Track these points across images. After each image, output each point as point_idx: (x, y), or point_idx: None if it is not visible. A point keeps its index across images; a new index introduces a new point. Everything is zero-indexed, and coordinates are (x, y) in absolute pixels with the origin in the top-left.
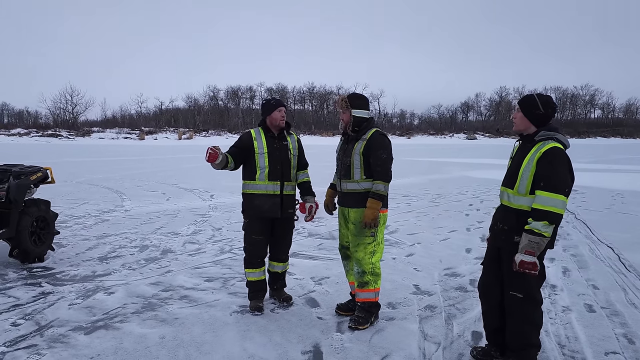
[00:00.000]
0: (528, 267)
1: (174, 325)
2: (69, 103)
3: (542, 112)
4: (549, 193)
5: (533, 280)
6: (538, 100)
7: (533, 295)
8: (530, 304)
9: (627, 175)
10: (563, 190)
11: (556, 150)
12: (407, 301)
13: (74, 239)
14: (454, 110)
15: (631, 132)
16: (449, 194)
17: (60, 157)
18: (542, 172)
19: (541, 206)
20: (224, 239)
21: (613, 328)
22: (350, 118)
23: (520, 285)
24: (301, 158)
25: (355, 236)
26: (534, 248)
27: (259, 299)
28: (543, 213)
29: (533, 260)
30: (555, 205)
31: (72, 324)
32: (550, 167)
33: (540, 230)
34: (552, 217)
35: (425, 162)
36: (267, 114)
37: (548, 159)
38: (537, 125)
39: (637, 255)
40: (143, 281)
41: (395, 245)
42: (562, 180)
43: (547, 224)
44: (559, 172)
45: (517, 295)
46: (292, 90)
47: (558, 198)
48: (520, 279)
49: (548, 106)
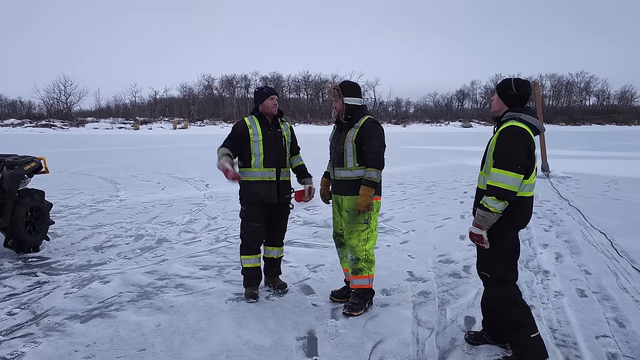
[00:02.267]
0: (475, 238)
1: (170, 313)
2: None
3: (514, 92)
4: (498, 169)
5: (498, 261)
6: (512, 82)
7: (499, 276)
8: (497, 284)
9: (621, 162)
10: (513, 166)
11: (511, 128)
12: (401, 288)
13: (69, 228)
14: (450, 98)
15: (626, 119)
16: (444, 181)
17: (54, 147)
18: (496, 149)
19: (491, 182)
20: (219, 227)
21: (604, 312)
22: (342, 106)
23: (486, 265)
24: (294, 144)
25: (349, 223)
26: (480, 221)
27: (254, 286)
28: (492, 188)
29: (479, 233)
30: (504, 181)
31: (67, 313)
32: (502, 144)
33: (487, 204)
34: (499, 193)
35: (421, 150)
36: (260, 102)
37: (501, 137)
38: (510, 106)
39: (629, 241)
40: (138, 270)
41: (390, 233)
42: (512, 156)
43: (495, 199)
44: (510, 148)
45: (486, 275)
46: (287, 79)
47: (507, 174)
48: (485, 259)
49: (521, 87)
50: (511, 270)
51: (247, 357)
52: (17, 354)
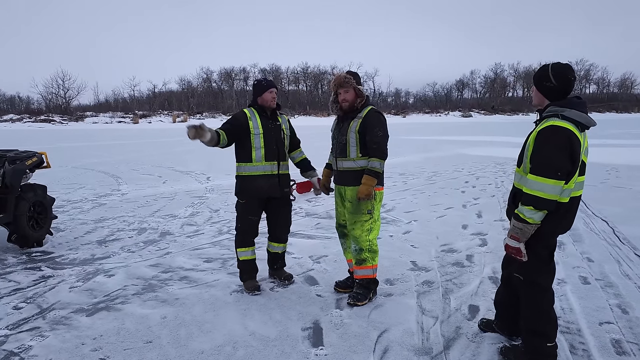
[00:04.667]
0: (512, 251)
1: (175, 305)
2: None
3: (553, 84)
4: (536, 176)
5: (533, 264)
6: (550, 71)
7: (533, 280)
8: (531, 289)
9: (621, 150)
10: (552, 173)
11: (550, 128)
12: (404, 277)
13: (72, 223)
14: (449, 88)
15: (626, 107)
16: (445, 171)
17: (54, 142)
18: (534, 152)
19: (528, 190)
20: (222, 220)
21: (607, 299)
22: (355, 95)
23: (520, 267)
24: (293, 137)
25: (352, 214)
26: (517, 234)
27: (253, 278)
28: (530, 198)
29: (517, 246)
30: (542, 190)
31: (73, 306)
32: (540, 147)
33: (524, 215)
34: (538, 203)
35: (421, 141)
36: (258, 94)
37: (539, 138)
38: (551, 99)
39: (631, 228)
40: (142, 263)
41: (392, 223)
42: (551, 162)
43: (533, 210)
44: (547, 152)
45: (519, 277)
46: (286, 71)
47: (545, 182)
48: (520, 261)
49: (561, 77)
50: (548, 274)
51: (253, 347)
52: (25, 348)
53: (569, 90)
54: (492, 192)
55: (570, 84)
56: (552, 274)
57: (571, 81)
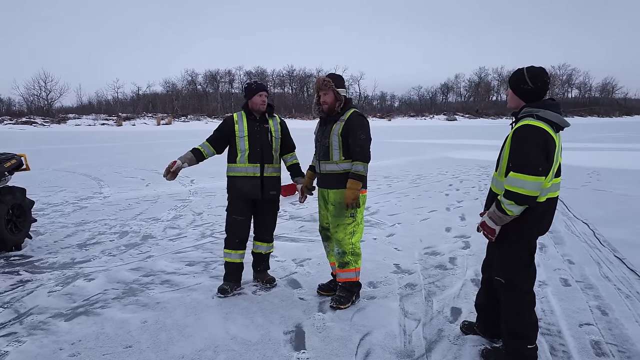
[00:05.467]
0: (487, 230)
1: (156, 309)
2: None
3: (530, 86)
4: (517, 174)
5: (514, 267)
6: (525, 74)
7: (514, 282)
8: (512, 291)
9: (603, 153)
10: (532, 169)
11: (526, 127)
12: (387, 280)
13: (52, 226)
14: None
15: (607, 111)
16: (429, 174)
17: (35, 144)
18: (511, 151)
19: (510, 187)
20: (205, 223)
21: (587, 301)
22: (334, 98)
23: (502, 270)
24: (287, 140)
25: (335, 217)
26: (496, 219)
27: (229, 281)
28: (510, 194)
29: (493, 227)
30: (524, 186)
31: (52, 311)
32: (517, 146)
33: (504, 206)
34: (519, 199)
35: (406, 144)
36: (249, 98)
37: (516, 137)
38: (527, 101)
39: (611, 230)
40: (123, 267)
41: (376, 226)
42: (530, 158)
43: (514, 204)
44: (526, 150)
45: (500, 280)
46: (272, 74)
47: (526, 179)
48: (501, 263)
49: (537, 79)
50: (529, 277)
51: (235, 351)
52: (1, 354)
53: (544, 92)
54: (476, 194)
55: (546, 86)
56: (533, 276)
57: (547, 83)
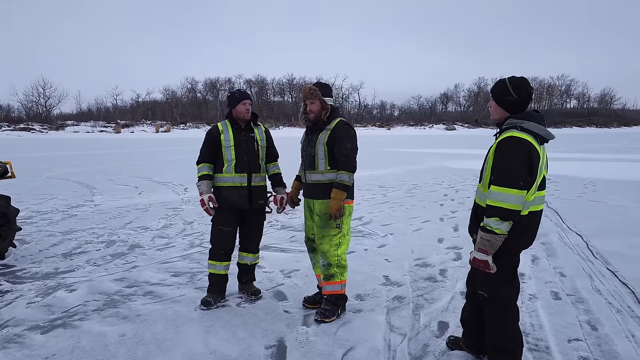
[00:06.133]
0: (480, 264)
1: (136, 322)
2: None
3: (514, 97)
4: (499, 187)
5: (496, 280)
6: (509, 85)
7: (497, 297)
8: (495, 305)
9: (599, 164)
10: (514, 182)
11: (510, 139)
12: (375, 292)
13: (39, 235)
14: (434, 101)
15: (606, 122)
16: (425, 184)
17: (30, 151)
18: (494, 164)
19: (492, 201)
20: (195, 232)
21: (577, 315)
22: (321, 107)
23: (484, 283)
24: (271, 149)
25: (321, 228)
26: (485, 246)
27: (213, 293)
28: (493, 209)
29: (484, 259)
30: (506, 200)
31: (28, 323)
32: (500, 158)
33: (491, 227)
34: (503, 213)
35: (404, 153)
36: (232, 106)
37: (499, 149)
38: (512, 112)
39: (605, 242)
40: (107, 277)
41: (368, 236)
42: (512, 171)
43: (499, 220)
44: (508, 163)
45: (483, 294)
46: (272, 82)
47: (508, 192)
48: (483, 277)
49: (521, 90)
50: (513, 291)
51: None
52: None
53: (528, 102)
54: (471, 205)
55: (530, 96)
56: (517, 290)
57: (530, 93)
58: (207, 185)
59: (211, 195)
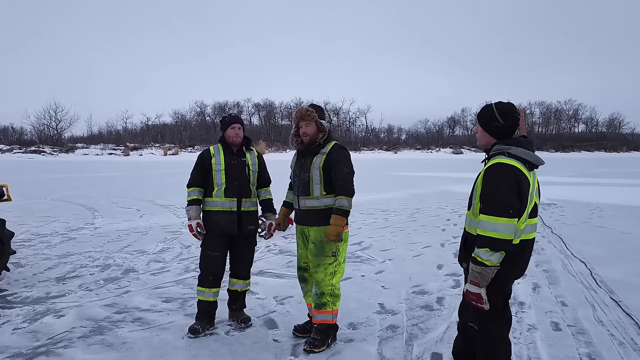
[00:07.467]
0: (472, 298)
1: (121, 350)
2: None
3: (501, 123)
4: (488, 216)
5: (487, 313)
6: (495, 111)
7: (488, 329)
8: (486, 338)
9: (607, 189)
10: (503, 211)
11: (497, 166)
12: (369, 321)
13: (35, 258)
14: (441, 125)
15: (614, 146)
16: (428, 208)
17: (38, 173)
18: (483, 192)
19: (482, 231)
20: (192, 256)
21: (577, 347)
22: (317, 130)
23: (473, 316)
24: (263, 174)
25: (316, 256)
26: (477, 278)
27: (201, 320)
28: (483, 239)
29: (477, 292)
30: (496, 230)
31: (11, 351)
32: (488, 186)
33: (482, 258)
34: (493, 244)
35: (409, 177)
36: (223, 130)
37: (487, 177)
38: (499, 138)
39: (609, 270)
40: (97, 302)
41: (366, 262)
42: (501, 199)
43: (490, 251)
44: (497, 191)
45: (473, 326)
46: (280, 106)
47: (498, 221)
48: (474, 309)
49: (507, 116)
50: (504, 324)
51: None
52: None
53: (515, 128)
54: None
55: (517, 122)
56: (508, 322)
57: (517, 119)
58: (195, 211)
59: (199, 221)
